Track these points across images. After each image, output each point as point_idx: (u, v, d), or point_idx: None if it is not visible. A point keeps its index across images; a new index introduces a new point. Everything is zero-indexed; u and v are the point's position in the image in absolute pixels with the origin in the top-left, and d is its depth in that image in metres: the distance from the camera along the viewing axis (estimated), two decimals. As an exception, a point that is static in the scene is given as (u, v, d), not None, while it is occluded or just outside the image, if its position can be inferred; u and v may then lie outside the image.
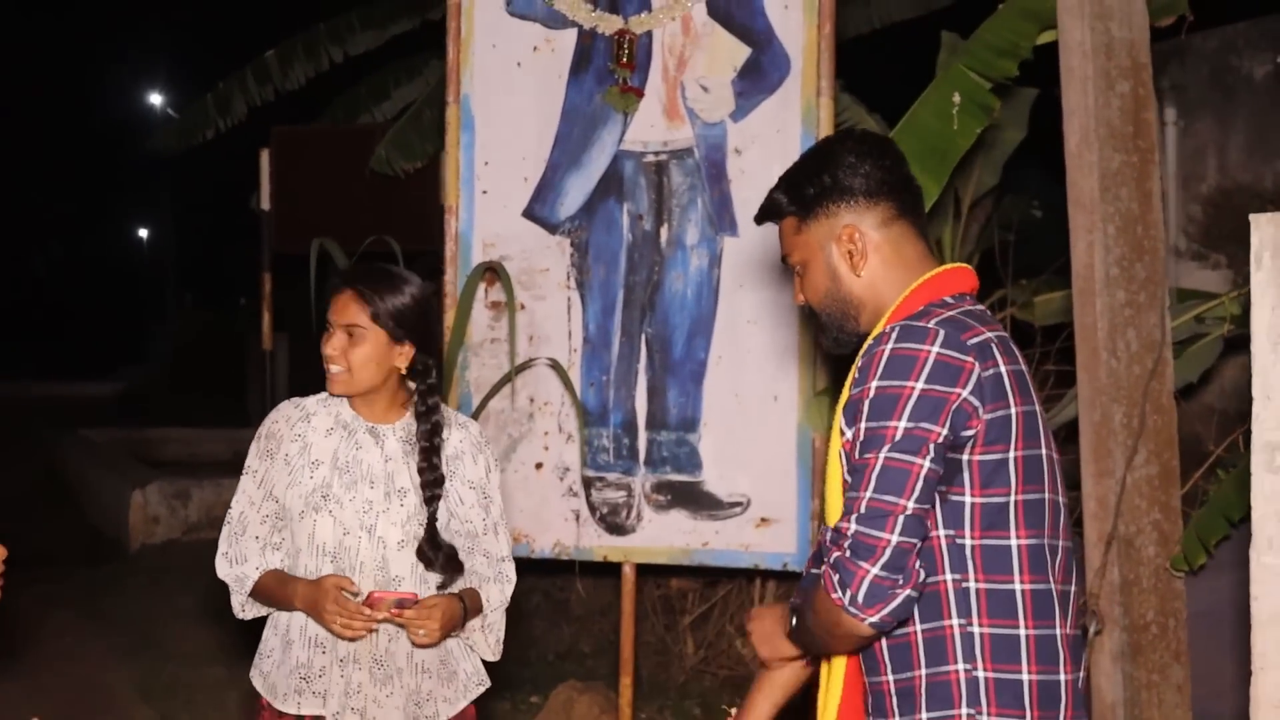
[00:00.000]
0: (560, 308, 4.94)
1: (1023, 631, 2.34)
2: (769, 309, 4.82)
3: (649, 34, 4.87)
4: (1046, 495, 2.39)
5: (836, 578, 2.25)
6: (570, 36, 4.94)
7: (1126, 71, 4.09)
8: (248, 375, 16.13)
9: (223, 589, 3.46)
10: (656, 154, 4.89)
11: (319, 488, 3.26)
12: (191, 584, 8.00)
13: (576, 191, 4.93)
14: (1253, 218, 2.26)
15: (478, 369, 4.97)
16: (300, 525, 3.26)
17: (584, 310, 4.92)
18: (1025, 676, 2.33)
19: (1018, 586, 2.34)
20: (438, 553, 3.26)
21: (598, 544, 4.91)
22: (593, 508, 4.90)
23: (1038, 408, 2.41)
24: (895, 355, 2.32)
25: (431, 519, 3.27)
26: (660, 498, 4.85)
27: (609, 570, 5.48)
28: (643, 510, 4.87)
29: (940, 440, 2.28)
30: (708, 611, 6.33)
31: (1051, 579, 2.38)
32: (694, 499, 4.84)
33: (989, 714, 2.32)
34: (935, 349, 2.31)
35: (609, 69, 4.89)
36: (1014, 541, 2.35)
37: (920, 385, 2.29)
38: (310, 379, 3.48)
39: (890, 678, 2.40)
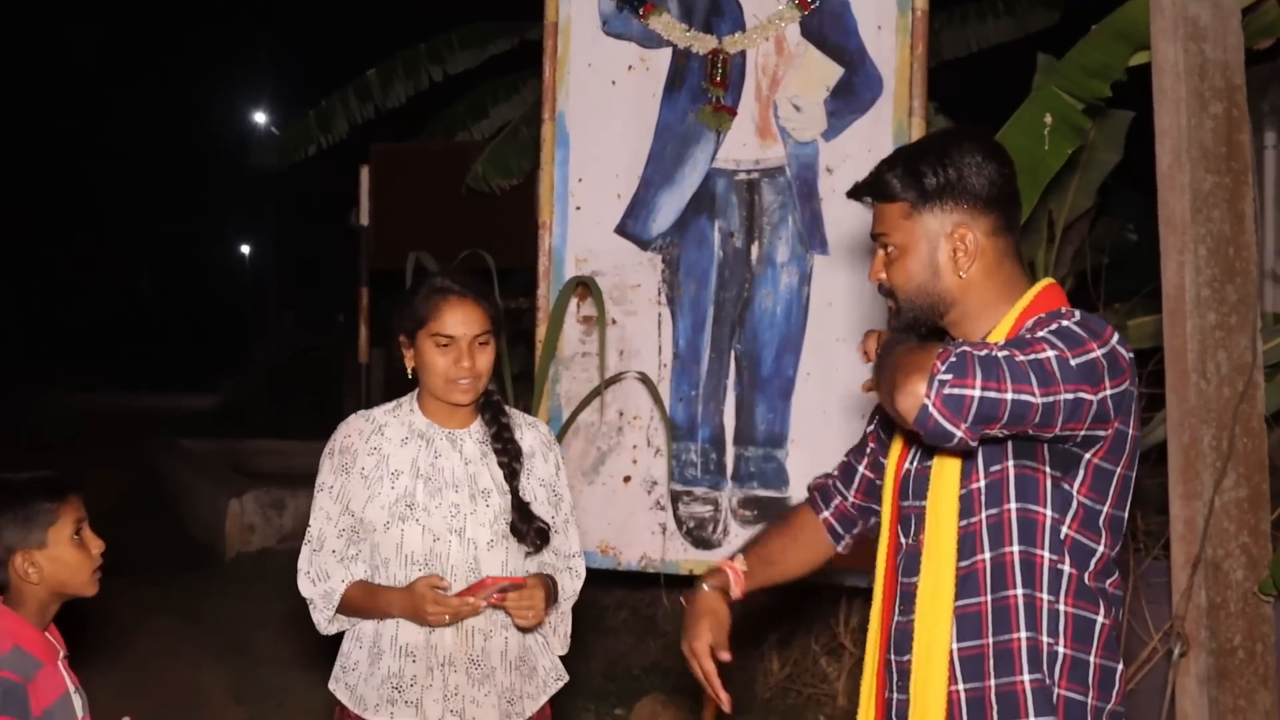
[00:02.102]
0: (651, 323, 4.98)
1: (1100, 619, 2.45)
2: (858, 327, 4.84)
3: (742, 54, 4.92)
4: (1125, 513, 2.49)
5: (952, 361, 2.22)
6: (665, 56, 5.00)
7: (1220, 93, 4.07)
8: (344, 389, 16.31)
9: (314, 598, 3.51)
10: (748, 172, 4.93)
11: (401, 497, 3.27)
12: (284, 591, 8.08)
13: (669, 209, 4.98)
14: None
15: (569, 382, 5.03)
16: (386, 536, 3.27)
17: (674, 326, 4.97)
18: (1092, 660, 2.44)
19: (1094, 585, 2.45)
20: (529, 525, 3.29)
21: (684, 558, 4.94)
22: (679, 521, 4.93)
23: (1139, 434, 2.48)
24: (1085, 323, 2.36)
25: (516, 492, 3.30)
26: (747, 513, 4.88)
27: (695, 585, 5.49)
28: (729, 525, 4.90)
29: (1079, 403, 2.29)
30: (793, 629, 6.34)
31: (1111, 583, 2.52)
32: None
33: (1059, 686, 2.42)
34: (1115, 342, 2.35)
35: (702, 88, 4.94)
36: (1100, 548, 2.45)
37: (1100, 353, 2.32)
38: (405, 392, 3.51)
39: (991, 640, 2.44)
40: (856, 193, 2.65)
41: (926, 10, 4.82)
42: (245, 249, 41.82)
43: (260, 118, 32.67)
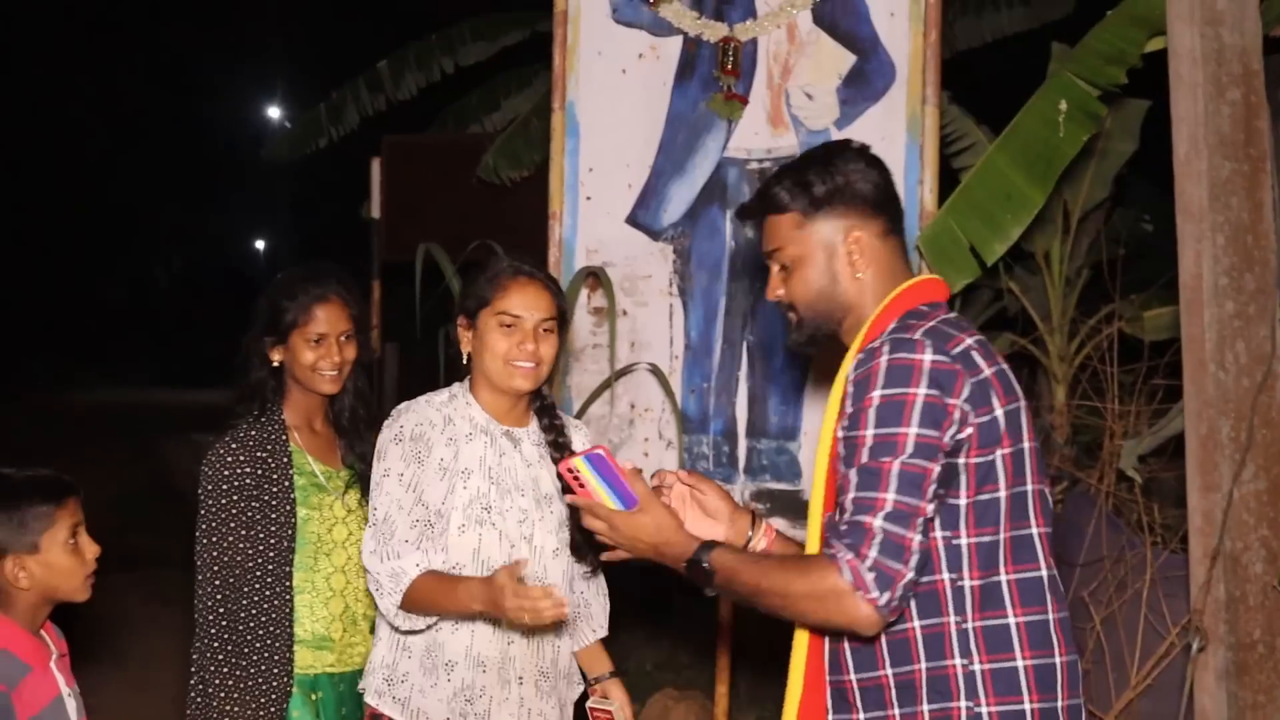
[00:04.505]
0: (662, 314, 4.93)
1: (1011, 621, 2.44)
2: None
3: (754, 41, 4.86)
4: (1030, 486, 2.49)
5: (872, 576, 2.32)
6: (675, 44, 4.94)
7: (1238, 79, 4.01)
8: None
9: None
10: (760, 161, 4.88)
11: (475, 499, 3.15)
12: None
13: (680, 199, 4.93)
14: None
15: (579, 374, 4.98)
16: (461, 540, 3.13)
17: (686, 317, 4.91)
18: (1020, 663, 2.43)
19: (1003, 578, 2.45)
20: (589, 542, 3.12)
21: (695, 551, 4.89)
22: (691, 515, 4.88)
23: (1021, 403, 2.50)
24: (894, 365, 2.41)
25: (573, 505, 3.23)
26: (759, 505, 4.82)
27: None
28: (741, 518, 4.85)
29: (942, 445, 2.39)
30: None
31: (1042, 565, 2.49)
32: (793, 507, 4.81)
33: (987, 704, 2.42)
34: (929, 358, 2.41)
35: (713, 76, 4.88)
36: (1000, 536, 2.45)
37: (923, 392, 2.39)
38: (417, 385, 3.45)
39: (889, 672, 2.47)
40: (745, 214, 2.77)
41: (939, -4, 4.77)
42: (260, 243, 41.88)
43: (274, 112, 32.71)
